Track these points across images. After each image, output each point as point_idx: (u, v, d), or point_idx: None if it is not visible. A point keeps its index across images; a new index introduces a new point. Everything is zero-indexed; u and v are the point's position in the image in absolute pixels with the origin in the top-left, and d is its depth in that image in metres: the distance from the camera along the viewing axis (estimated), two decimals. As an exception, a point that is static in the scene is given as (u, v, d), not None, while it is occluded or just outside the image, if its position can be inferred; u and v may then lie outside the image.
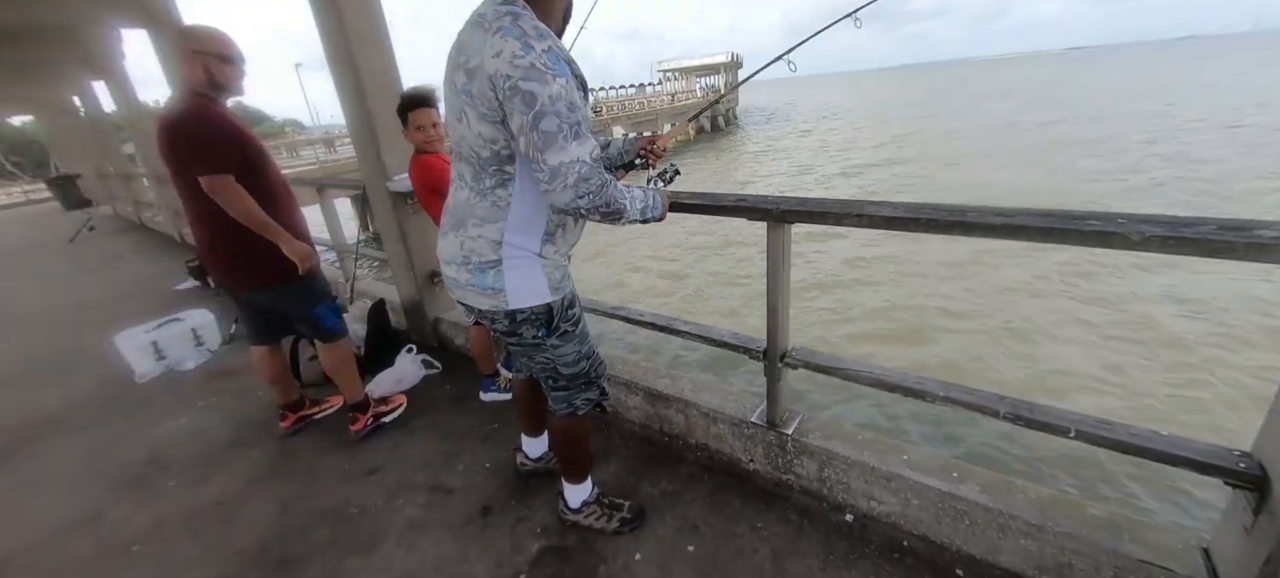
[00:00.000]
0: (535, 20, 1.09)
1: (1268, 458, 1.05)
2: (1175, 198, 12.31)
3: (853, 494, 1.65)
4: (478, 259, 1.26)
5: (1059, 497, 1.39)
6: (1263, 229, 0.92)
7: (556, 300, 1.32)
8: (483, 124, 1.13)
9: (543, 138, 1.05)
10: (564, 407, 1.53)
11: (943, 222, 1.19)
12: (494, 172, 1.19)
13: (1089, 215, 1.06)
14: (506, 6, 1.10)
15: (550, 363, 1.42)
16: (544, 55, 1.04)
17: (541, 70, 1.03)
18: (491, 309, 1.30)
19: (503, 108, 1.08)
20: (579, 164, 1.06)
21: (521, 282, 1.26)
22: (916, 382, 1.44)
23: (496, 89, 1.07)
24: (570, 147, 1.06)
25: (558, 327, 1.35)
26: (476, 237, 1.25)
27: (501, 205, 1.21)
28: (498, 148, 1.16)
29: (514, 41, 1.04)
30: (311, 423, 2.60)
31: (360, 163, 2.88)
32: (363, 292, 3.54)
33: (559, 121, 1.04)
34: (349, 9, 2.40)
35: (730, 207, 1.54)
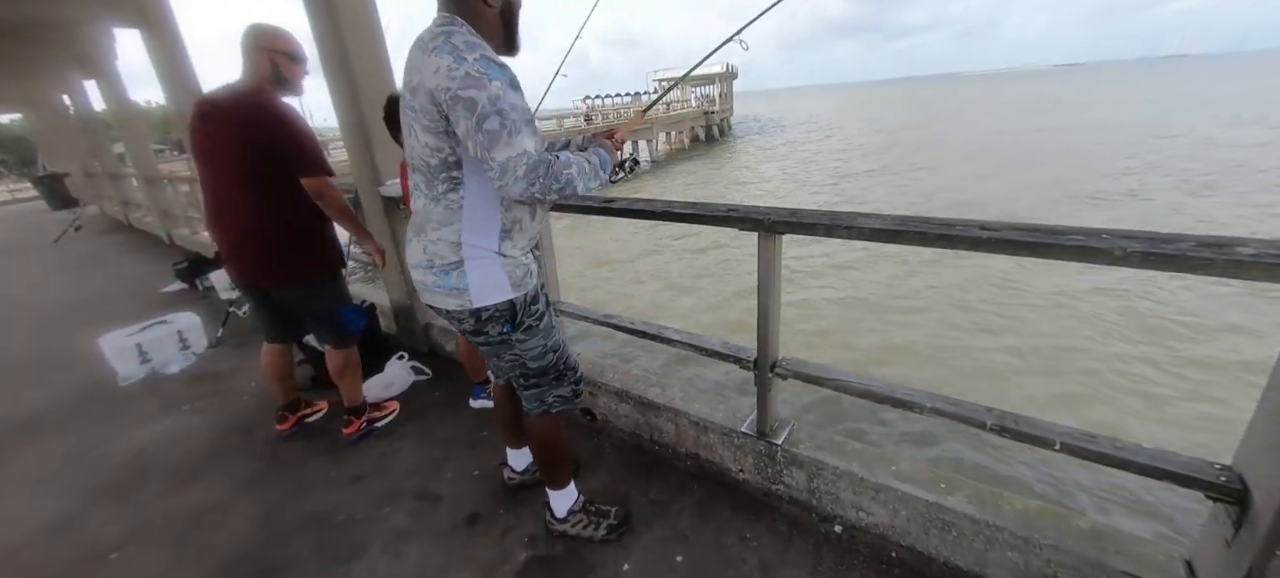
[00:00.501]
0: (468, 35, 1.17)
1: (1247, 471, 1.07)
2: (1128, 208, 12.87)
3: (842, 505, 1.65)
4: (440, 261, 1.30)
5: (1045, 508, 1.40)
6: (1241, 247, 0.94)
7: (519, 296, 1.36)
8: (427, 135, 1.21)
9: (488, 137, 1.11)
10: (536, 405, 1.55)
11: (930, 234, 1.20)
12: (444, 178, 1.26)
13: (1072, 230, 1.07)
14: (442, 27, 1.18)
15: (518, 359, 1.46)
16: (477, 63, 1.12)
17: (476, 77, 1.11)
18: (458, 308, 1.34)
19: (447, 119, 1.17)
20: (525, 155, 1.12)
21: (484, 280, 1.31)
22: (905, 393, 1.44)
23: (438, 103, 1.15)
24: (514, 140, 1.11)
25: (522, 322, 1.39)
26: (436, 240, 1.30)
27: (455, 208, 1.28)
28: (444, 155, 1.23)
29: (448, 56, 1.13)
30: (304, 425, 2.58)
31: (352, 166, 2.87)
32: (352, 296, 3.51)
33: (501, 120, 1.11)
34: (344, 13, 2.40)
35: (721, 217, 1.55)
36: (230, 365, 3.37)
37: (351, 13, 2.43)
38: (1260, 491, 1.02)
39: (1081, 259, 1.03)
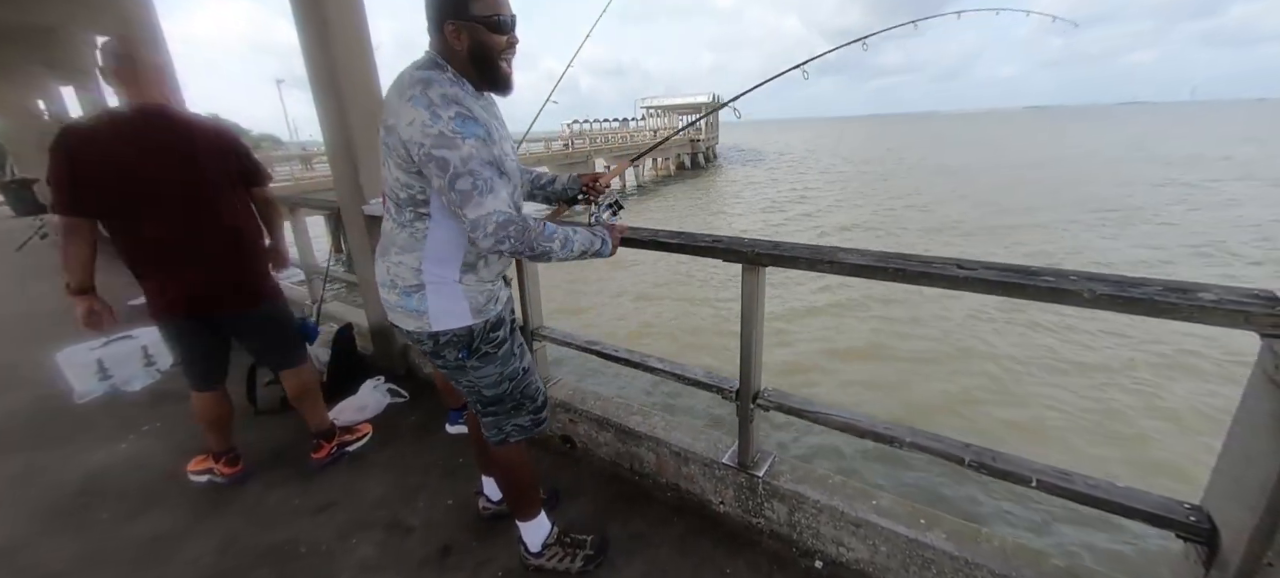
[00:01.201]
0: (446, 85, 1.17)
1: (1216, 512, 1.09)
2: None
3: (822, 540, 1.64)
4: (402, 283, 1.32)
5: (1022, 546, 1.40)
6: (1203, 292, 0.97)
7: (478, 323, 1.36)
8: (399, 172, 1.23)
9: (460, 196, 1.14)
10: (495, 433, 1.53)
11: (910, 272, 1.22)
12: (411, 210, 1.27)
13: (1044, 271, 1.10)
14: (422, 72, 1.19)
15: (473, 385, 1.45)
16: (452, 122, 1.13)
17: (449, 137, 1.12)
18: (417, 330, 1.35)
19: (421, 171, 1.19)
20: (495, 214, 1.14)
21: (443, 305, 1.32)
22: (885, 427, 1.45)
23: (413, 154, 1.16)
24: (485, 200, 1.14)
25: (478, 348, 1.38)
26: (398, 263, 1.32)
27: (419, 237, 1.29)
28: (413, 192, 1.24)
29: (423, 111, 1.13)
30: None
31: (336, 184, 2.83)
32: (328, 315, 3.43)
33: (472, 181, 1.13)
34: (334, 31, 2.40)
35: (706, 248, 1.56)
36: (196, 384, 3.24)
37: (342, 30, 2.43)
38: (1228, 531, 1.04)
39: (1052, 300, 1.06)
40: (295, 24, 2.46)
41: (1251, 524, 0.97)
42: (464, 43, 1.22)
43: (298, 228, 3.66)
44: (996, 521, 4.27)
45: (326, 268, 3.42)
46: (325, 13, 2.34)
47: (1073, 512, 4.07)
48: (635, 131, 43.25)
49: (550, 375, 2.37)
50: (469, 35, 1.21)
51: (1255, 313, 0.91)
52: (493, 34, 1.23)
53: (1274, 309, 0.91)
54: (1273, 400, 0.94)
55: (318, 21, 2.37)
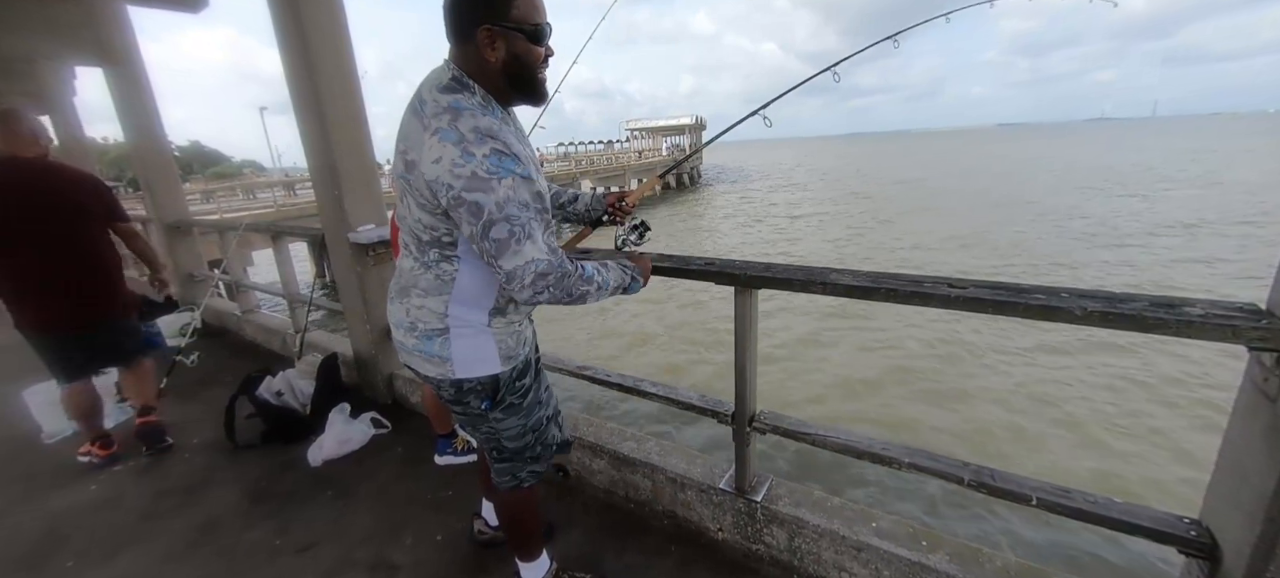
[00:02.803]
0: (477, 116, 1.02)
1: (1216, 525, 1.09)
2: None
3: (824, 566, 1.61)
4: (423, 327, 1.20)
5: (1025, 566, 1.39)
6: (1190, 307, 0.99)
7: (505, 372, 1.26)
8: (422, 212, 1.10)
9: (495, 245, 1.02)
10: (508, 480, 1.44)
11: (901, 292, 1.23)
12: (435, 250, 1.15)
13: (1035, 289, 1.11)
14: (448, 96, 1.04)
15: (494, 435, 1.35)
16: (487, 161, 0.99)
17: (484, 178, 0.98)
18: (438, 377, 1.24)
19: (448, 213, 1.05)
20: (534, 264, 1.03)
21: (468, 351, 1.21)
22: (883, 448, 1.44)
23: (439, 195, 1.03)
24: (524, 248, 1.02)
25: (503, 399, 1.28)
26: (421, 306, 1.20)
27: (446, 279, 1.17)
28: (438, 234, 1.12)
29: (453, 148, 0.99)
30: (250, 483, 2.38)
31: (320, 211, 2.79)
32: (312, 344, 3.36)
33: (510, 227, 1.01)
34: (318, 55, 2.39)
35: (699, 271, 1.56)
36: (172, 418, 3.12)
37: (325, 55, 2.42)
38: (1229, 545, 1.04)
39: (1043, 317, 1.07)
40: (279, 49, 2.45)
41: (1252, 538, 0.97)
42: (499, 54, 1.05)
43: (280, 256, 3.60)
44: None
45: (309, 296, 3.35)
46: (308, 38, 2.34)
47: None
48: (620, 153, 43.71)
49: (541, 402, 2.32)
50: (506, 45, 1.05)
51: (1242, 327, 0.92)
52: (532, 45, 1.08)
53: (1259, 322, 0.92)
54: (1264, 412, 0.95)
55: (301, 46, 2.36)
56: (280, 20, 2.37)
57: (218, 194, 23.04)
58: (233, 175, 42.10)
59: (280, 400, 2.74)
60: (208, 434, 2.86)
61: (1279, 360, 0.91)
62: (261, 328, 4.13)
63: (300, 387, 2.82)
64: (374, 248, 2.72)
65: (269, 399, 2.72)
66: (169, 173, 4.64)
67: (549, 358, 2.22)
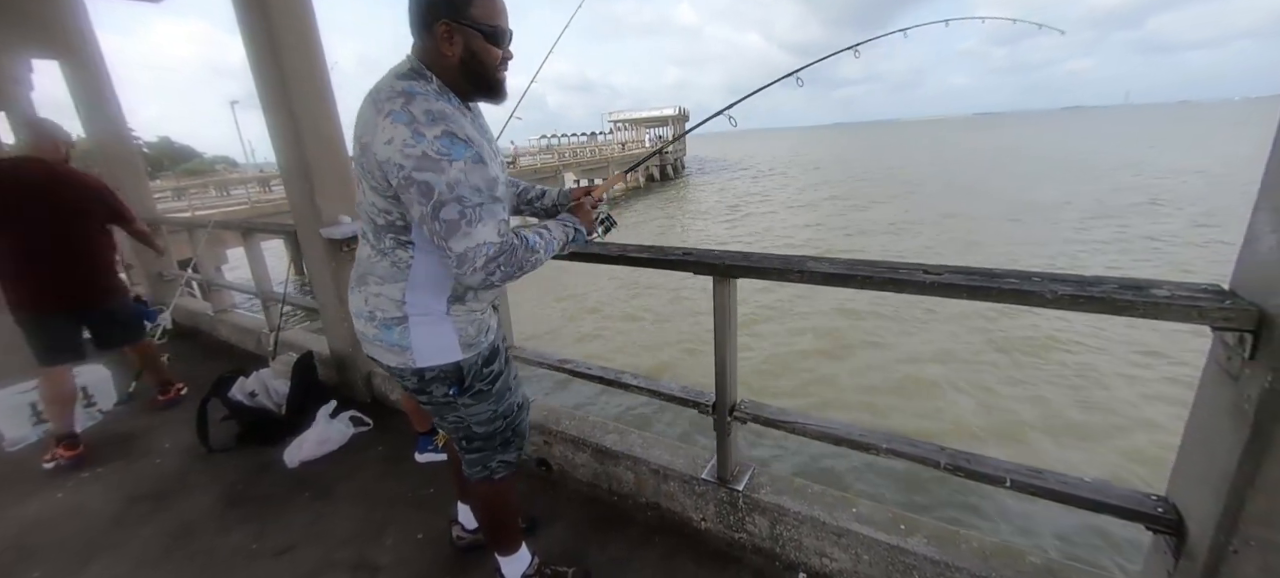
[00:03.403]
0: (431, 100, 1.04)
1: (1182, 503, 1.11)
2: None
3: (805, 552, 1.62)
4: (382, 315, 1.21)
5: (1001, 546, 1.41)
6: (1156, 289, 1.00)
7: (468, 358, 1.25)
8: (375, 196, 1.11)
9: (445, 226, 1.02)
10: (479, 470, 1.43)
11: (877, 278, 1.23)
12: (391, 237, 1.16)
13: (1008, 274, 1.12)
14: (403, 82, 1.06)
15: (462, 422, 1.35)
16: (438, 141, 1.00)
17: (435, 159, 0.99)
18: (399, 366, 1.24)
19: (398, 194, 1.06)
20: (485, 246, 1.04)
21: (429, 340, 1.21)
22: (861, 434, 1.45)
23: (390, 176, 1.04)
24: (475, 230, 1.03)
25: (470, 386, 1.28)
26: (377, 294, 1.21)
27: (402, 266, 1.17)
28: (392, 218, 1.13)
29: (404, 128, 1.00)
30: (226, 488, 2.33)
31: (292, 207, 2.72)
32: (288, 343, 3.28)
33: (460, 208, 1.01)
34: (285, 46, 2.31)
35: (677, 261, 1.54)
36: (143, 424, 3.04)
37: (293, 45, 2.34)
38: (1194, 521, 1.07)
39: (1016, 301, 1.08)
40: (243, 42, 2.37)
41: (1216, 513, 0.99)
42: (456, 49, 1.08)
43: (252, 254, 3.50)
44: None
45: (283, 294, 3.27)
46: (274, 27, 2.26)
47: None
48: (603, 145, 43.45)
49: (523, 397, 2.30)
50: (464, 41, 1.08)
51: (1206, 307, 0.94)
52: (489, 45, 1.10)
53: (1222, 303, 0.94)
54: (1227, 391, 0.97)
55: (266, 38, 2.28)
56: (243, 11, 2.29)
57: (190, 191, 22.33)
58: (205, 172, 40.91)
59: (254, 401, 2.67)
60: (180, 439, 2.78)
61: (1240, 340, 0.93)
62: (235, 328, 4.03)
63: (275, 387, 2.75)
64: (348, 243, 2.66)
65: (243, 400, 2.65)
66: (134, 169, 4.47)
67: (530, 353, 2.20)
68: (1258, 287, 0.92)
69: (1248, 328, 0.91)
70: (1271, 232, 0.89)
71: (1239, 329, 0.92)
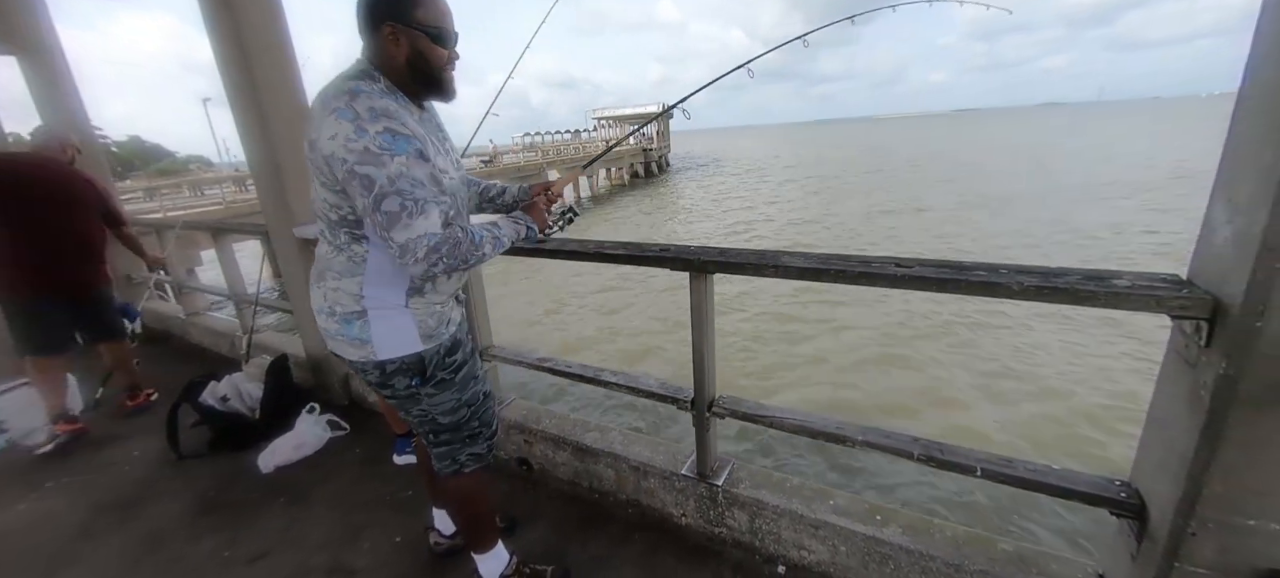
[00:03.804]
0: (375, 98, 1.06)
1: (1144, 487, 1.14)
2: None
3: (784, 544, 1.63)
4: (341, 310, 1.22)
5: (973, 534, 1.44)
6: (1118, 280, 1.02)
7: (429, 349, 1.27)
8: (326, 191, 1.14)
9: (386, 218, 1.05)
10: (448, 465, 1.43)
11: (850, 272, 1.24)
12: (345, 232, 1.18)
13: (976, 266, 1.14)
14: (351, 82, 1.08)
15: (426, 414, 1.35)
16: (380, 136, 1.03)
17: (376, 153, 1.02)
18: (361, 359, 1.25)
19: (344, 188, 1.09)
20: (426, 237, 1.06)
21: (389, 332, 1.22)
22: (837, 427, 1.46)
23: (335, 171, 1.07)
24: (415, 223, 1.05)
25: (433, 376, 1.29)
26: (335, 289, 1.22)
27: (358, 260, 1.19)
28: (344, 213, 1.15)
29: (348, 124, 1.03)
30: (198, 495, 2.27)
31: (263, 207, 2.66)
32: (262, 346, 3.21)
33: (401, 200, 1.03)
34: (252, 41, 2.25)
35: (653, 257, 1.54)
36: (111, 431, 2.95)
37: (260, 40, 2.28)
38: (1156, 506, 1.09)
39: (984, 293, 1.10)
40: (209, 37, 2.30)
41: (1175, 497, 1.01)
42: (402, 50, 1.12)
43: (223, 255, 3.41)
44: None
45: (256, 295, 3.19)
46: (240, 21, 2.20)
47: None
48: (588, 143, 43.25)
49: (503, 397, 2.28)
50: (408, 43, 1.12)
51: (1164, 296, 0.96)
52: (434, 46, 1.14)
53: (1180, 292, 0.96)
54: (1185, 378, 1.00)
55: (232, 31, 2.22)
56: (209, 7, 2.22)
57: (162, 192, 21.69)
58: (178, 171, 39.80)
59: (226, 406, 2.61)
60: (149, 446, 2.70)
61: (1197, 328, 0.96)
62: (208, 331, 3.92)
63: (248, 390, 2.69)
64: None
65: (214, 405, 2.59)
66: (98, 168, 4.31)
67: (509, 352, 2.18)
68: (1213, 276, 0.94)
69: (1203, 316, 0.93)
70: (1225, 223, 0.92)
71: (1195, 317, 0.95)
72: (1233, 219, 0.90)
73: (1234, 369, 0.89)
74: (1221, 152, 0.93)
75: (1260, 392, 0.87)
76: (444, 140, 1.29)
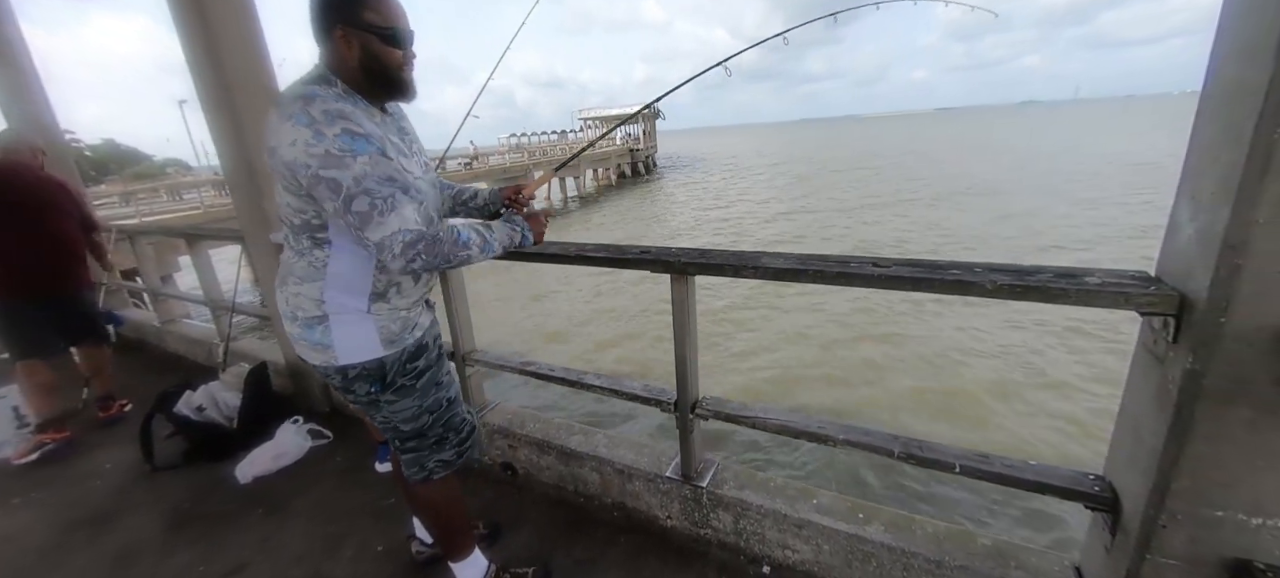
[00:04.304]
0: (330, 101, 1.05)
1: (1117, 480, 1.16)
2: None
3: (768, 544, 1.63)
4: (304, 315, 1.22)
5: (954, 530, 1.45)
6: (1089, 277, 1.04)
7: (391, 354, 1.26)
8: (289, 196, 1.13)
9: (358, 218, 1.04)
10: (416, 471, 1.42)
11: (828, 272, 1.24)
12: (307, 236, 1.17)
13: (950, 265, 1.15)
14: (306, 87, 1.08)
15: (389, 420, 1.34)
16: (338, 139, 1.02)
17: (338, 155, 1.02)
18: (323, 364, 1.24)
19: (310, 192, 1.08)
20: (402, 233, 1.05)
21: (350, 337, 1.21)
22: (818, 426, 1.46)
23: (299, 176, 1.06)
24: (388, 220, 1.04)
25: (393, 382, 1.28)
26: (297, 293, 1.22)
27: (318, 266, 1.19)
28: (307, 217, 1.14)
29: (305, 130, 1.02)
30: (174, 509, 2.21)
31: (237, 212, 2.60)
32: (240, 354, 3.14)
33: (370, 199, 1.03)
34: (223, 42, 2.20)
35: (634, 260, 1.53)
36: (83, 443, 2.87)
37: (232, 40, 2.23)
38: (1128, 498, 1.11)
39: (959, 292, 1.11)
40: (180, 40, 2.24)
41: (1146, 490, 1.03)
42: (355, 52, 1.11)
43: (199, 261, 3.34)
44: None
45: (232, 302, 3.13)
46: (212, 25, 2.15)
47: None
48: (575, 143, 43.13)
49: (487, 401, 2.26)
50: (360, 45, 1.11)
51: (1131, 293, 0.97)
52: (387, 47, 1.13)
53: (1148, 289, 0.98)
54: (1154, 373, 1.01)
55: (202, 31, 2.16)
56: (179, 9, 2.16)
57: (138, 196, 21.17)
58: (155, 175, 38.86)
59: (202, 416, 2.55)
60: (122, 458, 2.64)
61: (1165, 324, 0.97)
62: (184, 339, 3.84)
63: (225, 399, 2.63)
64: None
65: (189, 415, 2.53)
66: (67, 173, 4.19)
67: (491, 357, 2.15)
68: (1179, 272, 0.96)
69: (1170, 312, 0.95)
70: (1190, 220, 0.93)
71: (1162, 313, 0.96)
72: (1196, 216, 0.92)
73: (1200, 365, 0.90)
74: (1186, 150, 0.95)
75: (1225, 387, 0.89)
76: (411, 143, 1.28)
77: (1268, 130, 0.77)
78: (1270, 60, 0.76)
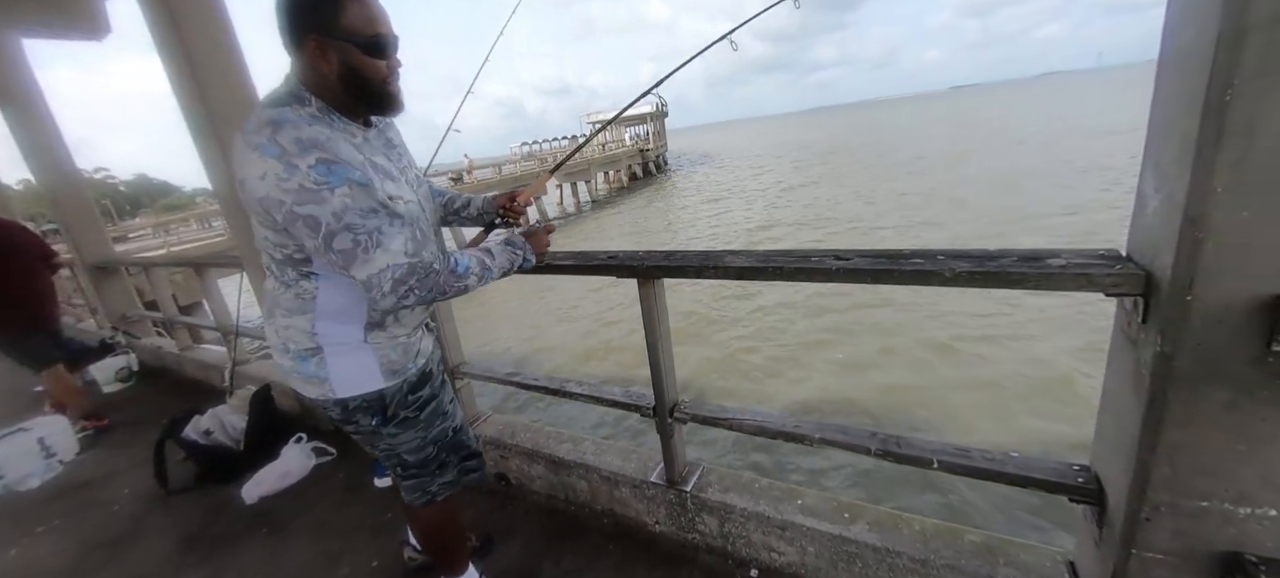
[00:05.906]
0: (301, 127, 0.95)
1: (1102, 471, 1.10)
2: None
3: (754, 548, 1.60)
4: (296, 347, 1.14)
5: (941, 527, 1.40)
6: (1052, 259, 0.98)
7: (391, 385, 1.19)
8: (266, 229, 1.05)
9: (342, 256, 0.97)
10: (419, 496, 1.38)
11: (788, 268, 1.21)
12: (292, 269, 1.09)
13: (912, 254, 1.10)
14: (272, 110, 0.98)
15: (392, 450, 1.29)
16: (312, 172, 0.92)
17: (314, 189, 0.93)
18: (320, 397, 1.17)
19: (287, 229, 1.00)
20: (390, 269, 0.98)
21: (348, 369, 1.14)
22: (794, 426, 1.43)
23: (273, 213, 0.97)
24: (374, 256, 0.97)
25: (394, 414, 1.22)
26: (287, 326, 1.14)
27: (307, 298, 1.11)
28: (289, 251, 1.06)
29: (275, 162, 0.93)
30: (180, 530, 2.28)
31: (235, 238, 2.67)
32: (248, 376, 3.22)
33: (352, 236, 0.95)
34: (208, 77, 2.26)
35: (600, 266, 1.51)
36: (103, 471, 2.98)
37: (214, 73, 2.28)
38: (1113, 490, 1.05)
39: (918, 282, 1.06)
40: (163, 66, 2.31)
41: (1128, 479, 0.97)
42: (332, 65, 0.99)
43: (208, 289, 3.44)
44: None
45: (236, 327, 3.21)
46: (191, 49, 2.20)
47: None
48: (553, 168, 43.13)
49: (478, 412, 2.27)
50: (338, 56, 0.99)
51: (1095, 275, 0.92)
52: (369, 57, 1.01)
53: (1113, 267, 0.92)
54: (1129, 356, 0.95)
55: (183, 62, 2.22)
56: (159, 35, 2.22)
57: (170, 226, 22.00)
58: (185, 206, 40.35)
59: (210, 440, 2.62)
60: (139, 484, 2.73)
61: (1136, 305, 0.92)
62: (200, 364, 3.96)
63: (232, 423, 2.70)
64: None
65: (197, 440, 2.60)
66: (86, 211, 4.39)
67: (478, 368, 2.16)
68: (1146, 249, 0.90)
69: (1137, 292, 0.89)
70: (1155, 192, 0.88)
71: (1130, 294, 0.91)
72: (1160, 188, 0.86)
73: (1170, 346, 0.85)
74: (1148, 118, 0.89)
75: (1196, 368, 0.83)
76: (399, 159, 1.17)
77: (1218, 92, 0.72)
78: (1217, 17, 0.71)
